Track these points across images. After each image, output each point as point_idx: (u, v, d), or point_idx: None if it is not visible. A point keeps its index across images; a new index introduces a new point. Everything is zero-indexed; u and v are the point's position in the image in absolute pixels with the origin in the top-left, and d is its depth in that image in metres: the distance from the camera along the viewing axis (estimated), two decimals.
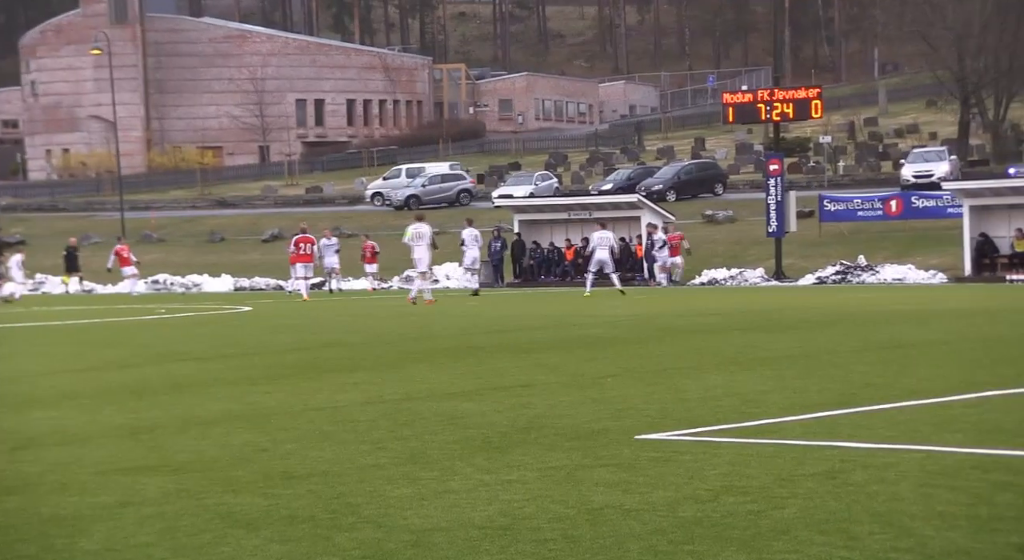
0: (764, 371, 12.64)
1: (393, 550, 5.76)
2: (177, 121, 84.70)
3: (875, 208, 43.80)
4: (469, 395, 11.20)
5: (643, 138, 79.02)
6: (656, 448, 8.19)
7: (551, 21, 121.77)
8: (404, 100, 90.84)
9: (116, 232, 56.26)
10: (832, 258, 41.69)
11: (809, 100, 42.22)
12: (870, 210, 43.89)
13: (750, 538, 5.82)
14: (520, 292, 39.25)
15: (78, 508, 6.79)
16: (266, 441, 8.84)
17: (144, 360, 15.95)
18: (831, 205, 44.70)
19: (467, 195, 61.84)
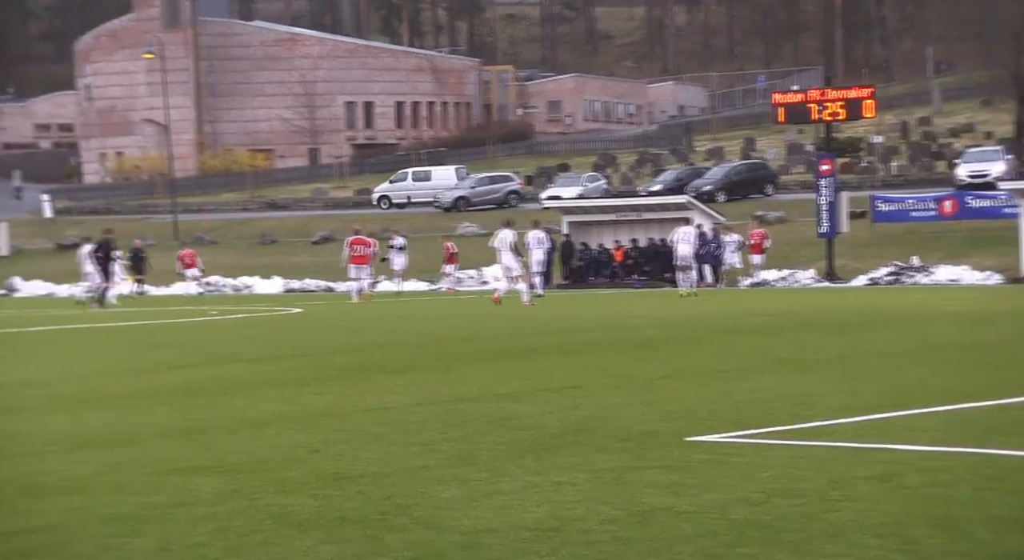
0: (816, 373, 12.55)
1: (443, 551, 5.76)
2: (228, 124, 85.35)
3: (929, 208, 43.36)
4: (518, 396, 11.20)
5: (692, 139, 78.69)
6: (707, 450, 8.15)
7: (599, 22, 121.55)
8: (452, 102, 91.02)
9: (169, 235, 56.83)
10: (885, 259, 41.32)
11: (861, 100, 41.86)
12: (924, 210, 43.46)
13: (803, 541, 5.78)
14: (569, 293, 39.20)
15: (133, 508, 6.85)
16: (317, 442, 8.88)
17: (197, 361, 16.08)
18: (884, 205, 44.30)
19: (515, 196, 61.90)
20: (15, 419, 10.67)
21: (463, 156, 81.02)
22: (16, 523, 6.56)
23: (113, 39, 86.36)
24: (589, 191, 58.19)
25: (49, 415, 10.87)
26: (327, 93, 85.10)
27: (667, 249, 43.18)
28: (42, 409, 11.33)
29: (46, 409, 11.31)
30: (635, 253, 43.64)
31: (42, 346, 20.14)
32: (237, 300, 39.26)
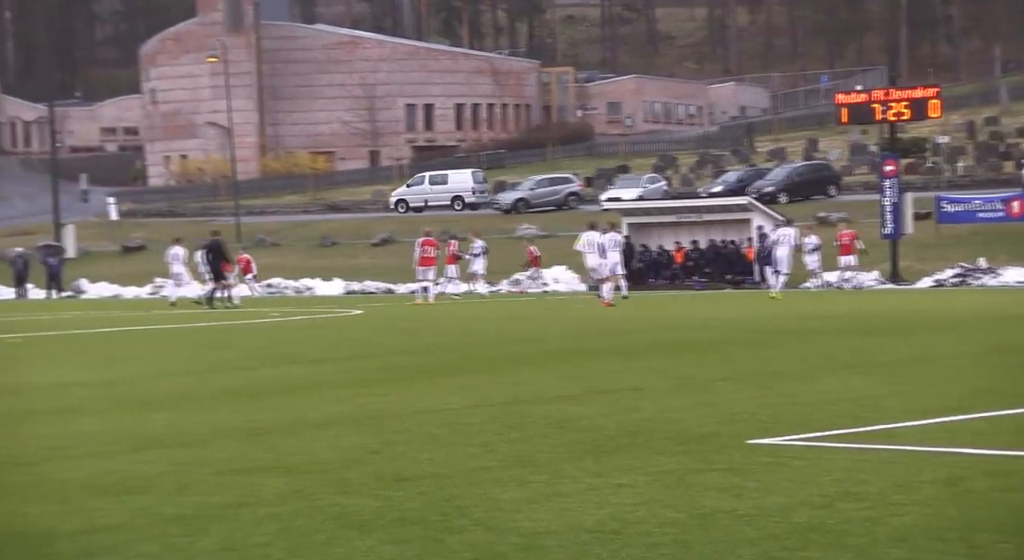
0: (880, 375, 12.42)
1: (503, 553, 5.77)
2: (290, 127, 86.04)
3: (996, 209, 42.76)
4: (577, 398, 11.19)
5: (754, 140, 78.21)
6: (768, 453, 8.09)
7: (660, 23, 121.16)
8: (512, 104, 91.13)
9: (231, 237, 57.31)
10: (951, 260, 40.81)
11: (926, 99, 41.40)
12: (991, 211, 42.87)
13: (867, 545, 5.72)
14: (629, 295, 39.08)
15: (197, 508, 6.92)
16: (377, 443, 8.92)
17: (258, 362, 16.22)
18: (949, 206, 43.76)
19: (575, 198, 61.87)
20: (81, 419, 10.82)
21: (522, 158, 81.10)
22: (81, 523, 6.65)
23: (177, 43, 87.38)
24: (649, 193, 58.02)
25: (114, 415, 11.02)
26: (387, 95, 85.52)
27: (728, 250, 43.03)
28: (107, 409, 11.48)
29: (111, 409, 11.47)
30: (696, 255, 43.46)
31: (108, 347, 20.42)
32: (298, 302, 39.58)
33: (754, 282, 41.26)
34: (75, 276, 52.59)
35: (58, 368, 16.15)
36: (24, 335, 23.49)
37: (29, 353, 19.31)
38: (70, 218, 63.04)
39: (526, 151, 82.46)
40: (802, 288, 40.30)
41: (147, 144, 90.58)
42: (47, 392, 13.14)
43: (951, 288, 37.83)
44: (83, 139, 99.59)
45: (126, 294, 50.55)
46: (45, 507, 7.05)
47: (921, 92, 42.21)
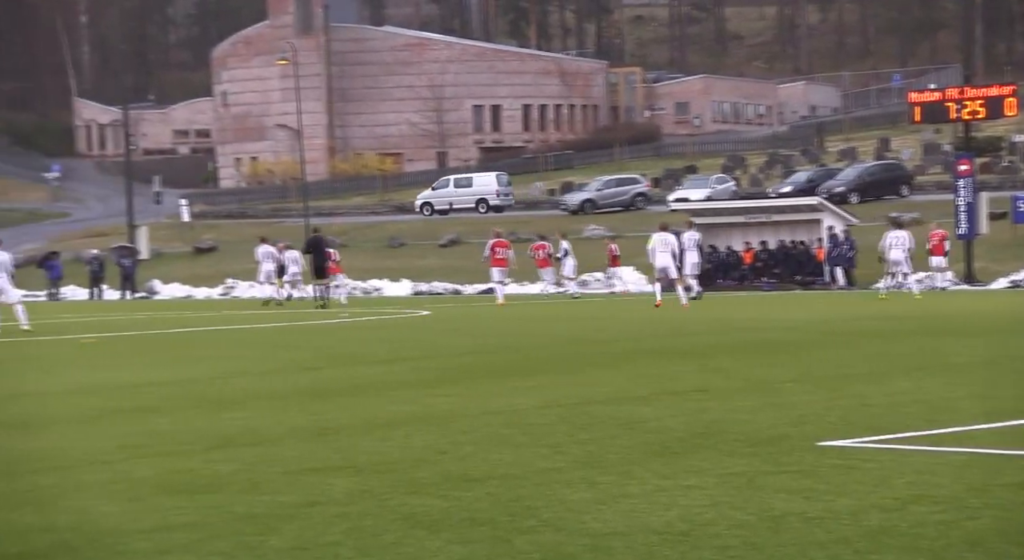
0: (953, 377, 12.27)
1: (572, 554, 5.77)
2: (359, 128, 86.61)
3: None
4: (645, 399, 11.16)
5: (824, 139, 77.47)
6: (839, 455, 8.02)
7: (729, 22, 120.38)
8: (580, 104, 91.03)
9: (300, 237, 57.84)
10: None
11: (1002, 98, 40.80)
12: None
13: (941, 549, 5.65)
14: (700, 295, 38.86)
15: (269, 507, 6.99)
16: (445, 443, 8.96)
17: (328, 363, 16.34)
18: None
19: (642, 199, 61.70)
20: (155, 418, 10.97)
21: (589, 158, 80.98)
22: (155, 520, 6.74)
23: (248, 46, 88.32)
24: (717, 193, 57.69)
25: (188, 414, 11.16)
26: (455, 97, 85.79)
27: (797, 251, 42.67)
28: (181, 409, 11.63)
29: (185, 409, 11.61)
30: (764, 255, 43.15)
31: (180, 348, 20.68)
32: (367, 302, 39.81)
33: (824, 283, 40.86)
34: (148, 277, 53.32)
35: (133, 368, 16.38)
36: (99, 335, 23.85)
37: (105, 353, 19.61)
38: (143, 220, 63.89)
39: (593, 152, 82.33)
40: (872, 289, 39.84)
41: (218, 146, 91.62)
42: (123, 392, 13.33)
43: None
44: (156, 142, 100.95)
45: (198, 295, 51.17)
46: (120, 505, 7.16)
47: (996, 90, 41.61)
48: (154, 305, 43.37)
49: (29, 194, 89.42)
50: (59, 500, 7.36)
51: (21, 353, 19.96)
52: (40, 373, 16.07)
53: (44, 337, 23.67)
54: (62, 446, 9.43)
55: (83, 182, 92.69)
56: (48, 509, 7.10)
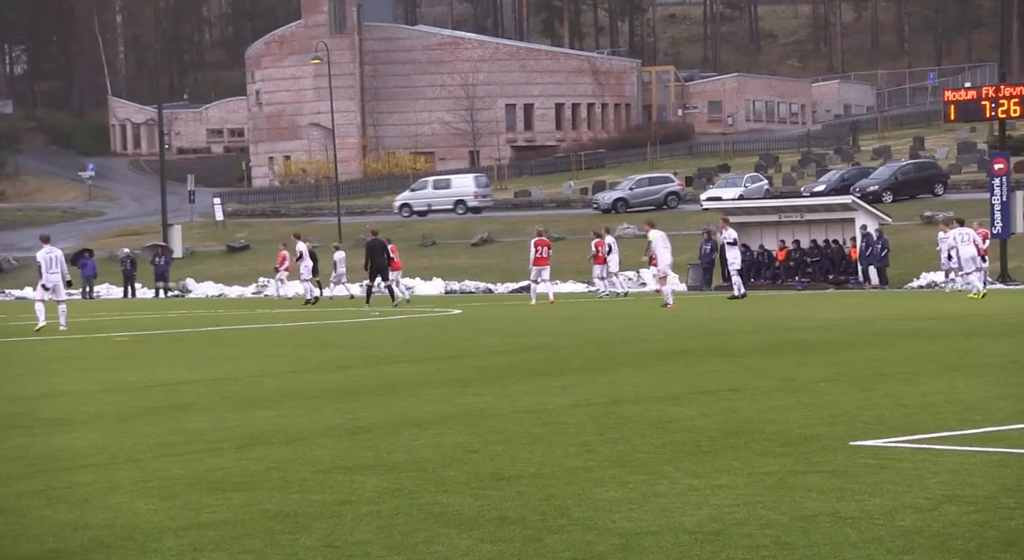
0: (988, 377, 12.18)
1: (603, 553, 5.77)
2: (391, 127, 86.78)
3: None
4: (677, 399, 11.14)
5: (858, 138, 77.04)
6: (872, 455, 7.98)
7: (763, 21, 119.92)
8: (612, 103, 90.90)
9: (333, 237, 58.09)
10: None
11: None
12: None
13: (975, 549, 5.62)
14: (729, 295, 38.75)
15: (300, 505, 7.02)
16: (476, 442, 8.97)
17: (359, 361, 16.39)
18: None
19: (675, 198, 61.57)
20: (190, 417, 11.03)
21: (622, 157, 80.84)
22: (188, 518, 6.79)
23: (282, 45, 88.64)
24: (750, 192, 57.47)
25: (221, 413, 11.22)
26: (487, 96, 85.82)
27: (831, 250, 42.46)
28: (215, 407, 11.69)
29: (218, 407, 11.67)
30: (798, 254, 42.96)
31: (214, 346, 20.78)
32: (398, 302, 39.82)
33: (858, 282, 40.64)
34: (182, 275, 53.61)
35: (166, 366, 16.48)
36: (132, 334, 24.01)
37: (138, 351, 19.74)
38: (177, 219, 64.27)
39: (626, 151, 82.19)
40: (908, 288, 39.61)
41: (252, 145, 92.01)
42: (156, 390, 13.42)
43: None
44: (190, 141, 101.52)
45: (230, 293, 51.42)
46: (153, 503, 7.21)
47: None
48: (187, 303, 43.61)
49: (65, 193, 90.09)
50: (94, 497, 7.42)
51: (56, 351, 20.12)
52: (74, 371, 16.20)
53: (78, 335, 23.85)
54: (96, 444, 9.50)
55: (118, 181, 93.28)
56: (83, 506, 7.16)
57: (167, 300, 48.22)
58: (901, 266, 41.30)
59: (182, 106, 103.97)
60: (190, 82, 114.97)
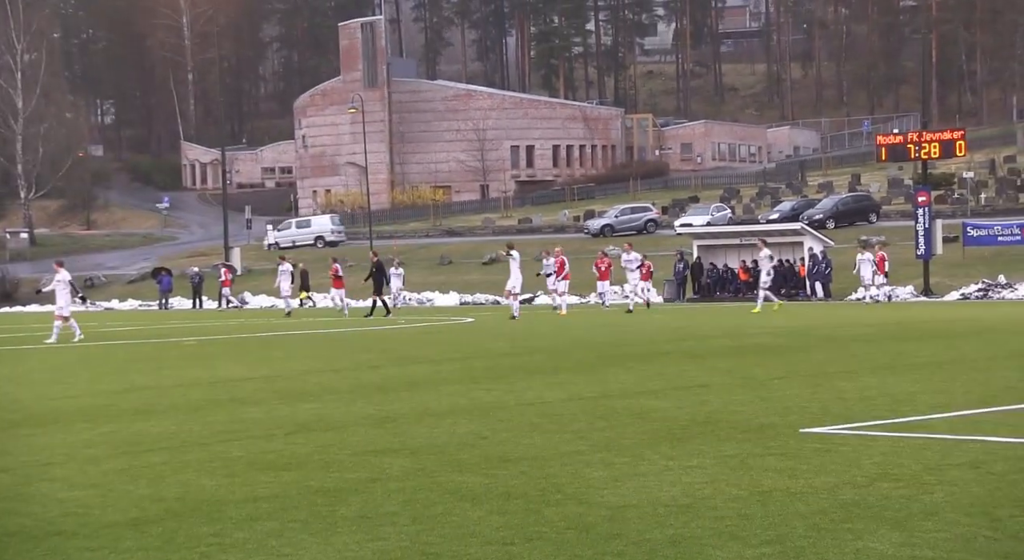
0: (914, 375, 12.15)
1: (593, 523, 5.76)
2: (415, 165, 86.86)
3: (1014, 234, 41.58)
4: (655, 393, 11.12)
5: (806, 175, 76.95)
6: (818, 440, 7.97)
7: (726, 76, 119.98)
8: (600, 145, 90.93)
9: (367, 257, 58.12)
10: (975, 277, 39.76)
11: (954, 141, 40.54)
12: (1009, 236, 41.70)
13: (903, 519, 5.61)
14: (698, 307, 38.71)
15: (338, 482, 7.01)
16: (486, 430, 8.96)
17: (387, 362, 16.37)
18: (974, 231, 42.65)
19: (653, 224, 61.48)
20: (246, 408, 11.03)
21: (608, 190, 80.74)
22: (246, 493, 6.79)
23: (324, 97, 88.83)
24: (716, 219, 57.42)
25: (273, 405, 11.21)
26: (495, 138, 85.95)
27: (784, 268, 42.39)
28: (267, 400, 11.68)
29: (270, 400, 11.66)
30: (756, 272, 42.91)
31: (266, 349, 20.77)
32: (420, 311, 39.85)
33: (806, 295, 40.57)
34: (241, 290, 53.60)
35: (227, 366, 16.48)
36: (199, 339, 24.01)
37: (204, 354, 19.74)
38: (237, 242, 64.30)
39: (611, 184, 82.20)
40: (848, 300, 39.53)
41: (299, 181, 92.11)
42: (218, 386, 13.41)
43: (975, 301, 36.81)
44: (248, 177, 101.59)
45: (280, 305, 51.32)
46: (217, 479, 7.21)
47: (949, 134, 41.38)
48: (245, 314, 43.60)
49: (145, 221, 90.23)
50: (168, 475, 7.42)
51: (136, 354, 20.12)
52: (151, 370, 16.20)
53: (154, 340, 23.83)
54: (170, 430, 9.50)
55: (188, 211, 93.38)
56: (159, 482, 7.16)
57: (228, 311, 48.22)
58: (842, 282, 41.25)
59: (241, 148, 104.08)
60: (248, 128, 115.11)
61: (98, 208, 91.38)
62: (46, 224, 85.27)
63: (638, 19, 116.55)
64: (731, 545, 5.25)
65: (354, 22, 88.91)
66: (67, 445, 8.79)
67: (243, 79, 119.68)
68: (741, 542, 5.30)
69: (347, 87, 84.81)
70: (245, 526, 5.91)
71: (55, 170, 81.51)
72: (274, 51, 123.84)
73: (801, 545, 5.22)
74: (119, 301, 56.25)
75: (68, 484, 7.15)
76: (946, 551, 5.07)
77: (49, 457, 8.22)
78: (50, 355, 20.33)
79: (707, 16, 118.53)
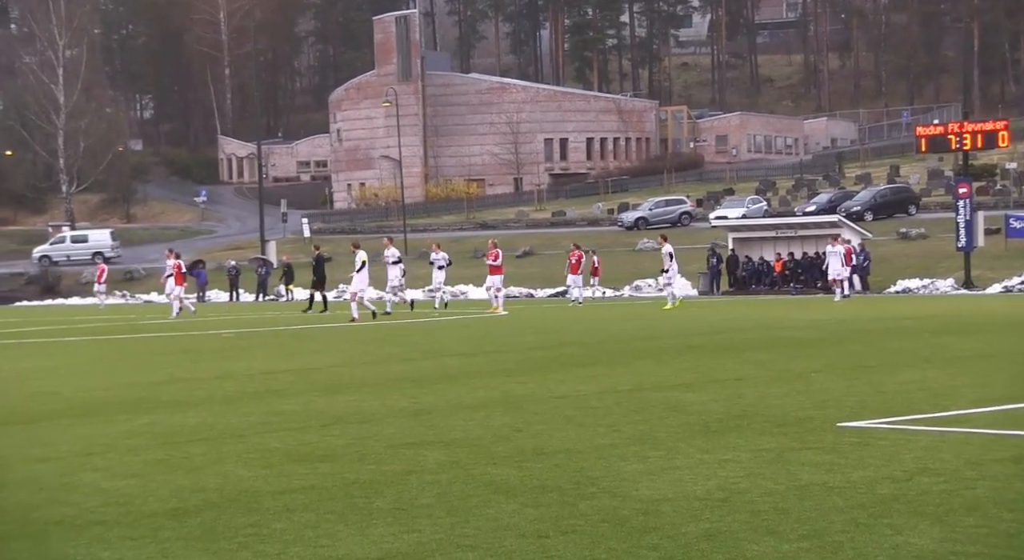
0: (954, 368, 12.01)
1: (627, 516, 5.74)
2: (449, 159, 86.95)
3: None
4: (690, 386, 11.06)
5: (843, 167, 76.28)
6: (856, 434, 7.89)
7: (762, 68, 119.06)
8: (634, 137, 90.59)
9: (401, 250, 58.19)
10: (1017, 269, 39.24)
11: (996, 131, 39.99)
12: None
13: (943, 514, 5.54)
14: (733, 299, 38.50)
15: (373, 474, 7.03)
16: (520, 423, 8.95)
17: (421, 355, 16.39)
18: (1016, 223, 42.06)
19: (688, 217, 61.20)
20: (283, 400, 11.09)
21: (642, 183, 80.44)
22: (283, 484, 6.82)
23: (359, 91, 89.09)
24: (751, 212, 57.04)
25: (308, 397, 11.26)
26: (529, 131, 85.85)
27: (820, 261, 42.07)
28: (303, 392, 11.74)
29: (306, 392, 11.72)
30: (792, 264, 42.61)
31: (301, 342, 20.88)
32: (455, 304, 39.90)
33: None
34: (276, 283, 53.91)
35: (263, 358, 16.58)
36: (236, 331, 24.17)
37: (240, 346, 19.87)
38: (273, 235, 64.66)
39: (645, 177, 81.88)
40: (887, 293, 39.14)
41: (333, 174, 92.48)
42: (255, 378, 13.50)
43: (1018, 293, 36.34)
44: (283, 171, 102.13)
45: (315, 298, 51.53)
46: (255, 471, 7.25)
47: (991, 125, 40.81)
48: (281, 306, 43.85)
49: (182, 215, 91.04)
50: (206, 466, 7.48)
51: (173, 346, 20.29)
52: (188, 362, 16.33)
53: (193, 332, 24.03)
54: (207, 422, 9.57)
55: (225, 205, 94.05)
56: (197, 473, 7.22)
57: (264, 303, 48.48)
58: (880, 275, 40.88)
59: (277, 142, 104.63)
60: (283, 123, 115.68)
61: (137, 202, 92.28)
62: (87, 218, 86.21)
63: (673, 10, 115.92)
64: (767, 539, 5.21)
65: (388, 16, 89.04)
66: (108, 436, 8.88)
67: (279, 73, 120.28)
68: (778, 536, 5.26)
69: (381, 81, 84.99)
70: (282, 517, 5.94)
71: (96, 164, 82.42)
72: (309, 45, 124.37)
73: (839, 540, 5.17)
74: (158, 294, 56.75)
75: (109, 474, 7.23)
76: (988, 547, 5.00)
77: (90, 447, 8.31)
78: (90, 348, 20.56)
79: (743, 7, 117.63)
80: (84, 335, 24.02)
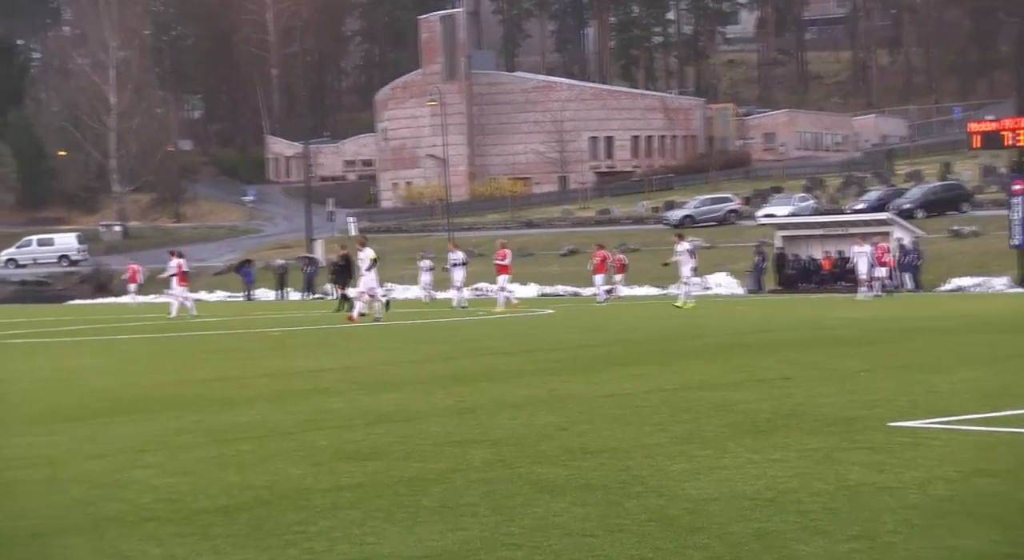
0: (1008, 367, 11.82)
1: (674, 516, 5.71)
2: (494, 157, 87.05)
3: None
4: (737, 385, 10.98)
5: (893, 164, 75.36)
6: (907, 434, 7.78)
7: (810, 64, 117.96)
8: (681, 135, 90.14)
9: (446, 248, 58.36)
10: None
11: None
12: None
13: (999, 516, 5.44)
14: (781, 298, 38.18)
15: (420, 472, 7.05)
16: (565, 421, 8.93)
17: (465, 353, 16.41)
18: None
19: (734, 214, 60.78)
20: (329, 398, 11.15)
21: (688, 181, 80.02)
22: (331, 481, 6.86)
23: (404, 90, 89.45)
24: (800, 209, 56.53)
25: (354, 395, 11.32)
26: (574, 130, 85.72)
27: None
28: (349, 391, 11.80)
29: (352, 391, 11.78)
30: (841, 263, 42.18)
31: (348, 341, 20.99)
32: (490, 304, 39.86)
33: (894, 287, 39.73)
34: (324, 282, 54.29)
35: (310, 357, 16.68)
36: (283, 329, 24.36)
37: (288, 344, 20.02)
38: (320, 234, 65.13)
39: (692, 175, 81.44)
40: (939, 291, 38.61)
41: (380, 173, 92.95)
42: (303, 376, 13.59)
43: None
44: (330, 170, 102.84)
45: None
46: (303, 468, 7.30)
47: None
48: (328, 304, 44.14)
49: (230, 214, 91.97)
50: (255, 463, 7.53)
51: (222, 344, 20.48)
52: (236, 360, 16.48)
53: (240, 330, 24.25)
54: (256, 420, 9.64)
55: (272, 204, 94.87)
56: (247, 470, 7.28)
57: (312, 301, 48.83)
58: (933, 273, 40.35)
59: (324, 142, 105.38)
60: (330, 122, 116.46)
61: (186, 201, 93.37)
62: (138, 217, 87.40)
63: (719, 7, 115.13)
64: (817, 540, 5.15)
65: (434, 15, 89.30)
66: (158, 433, 8.98)
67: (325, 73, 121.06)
68: (827, 537, 5.19)
69: (427, 80, 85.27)
70: (329, 515, 5.97)
71: (146, 164, 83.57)
72: (356, 45, 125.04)
73: (891, 541, 5.09)
74: (207, 292, 57.39)
75: (161, 471, 7.31)
76: None
77: (142, 444, 8.41)
78: (139, 345, 20.82)
79: (791, 3, 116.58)
80: (133, 333, 24.33)
